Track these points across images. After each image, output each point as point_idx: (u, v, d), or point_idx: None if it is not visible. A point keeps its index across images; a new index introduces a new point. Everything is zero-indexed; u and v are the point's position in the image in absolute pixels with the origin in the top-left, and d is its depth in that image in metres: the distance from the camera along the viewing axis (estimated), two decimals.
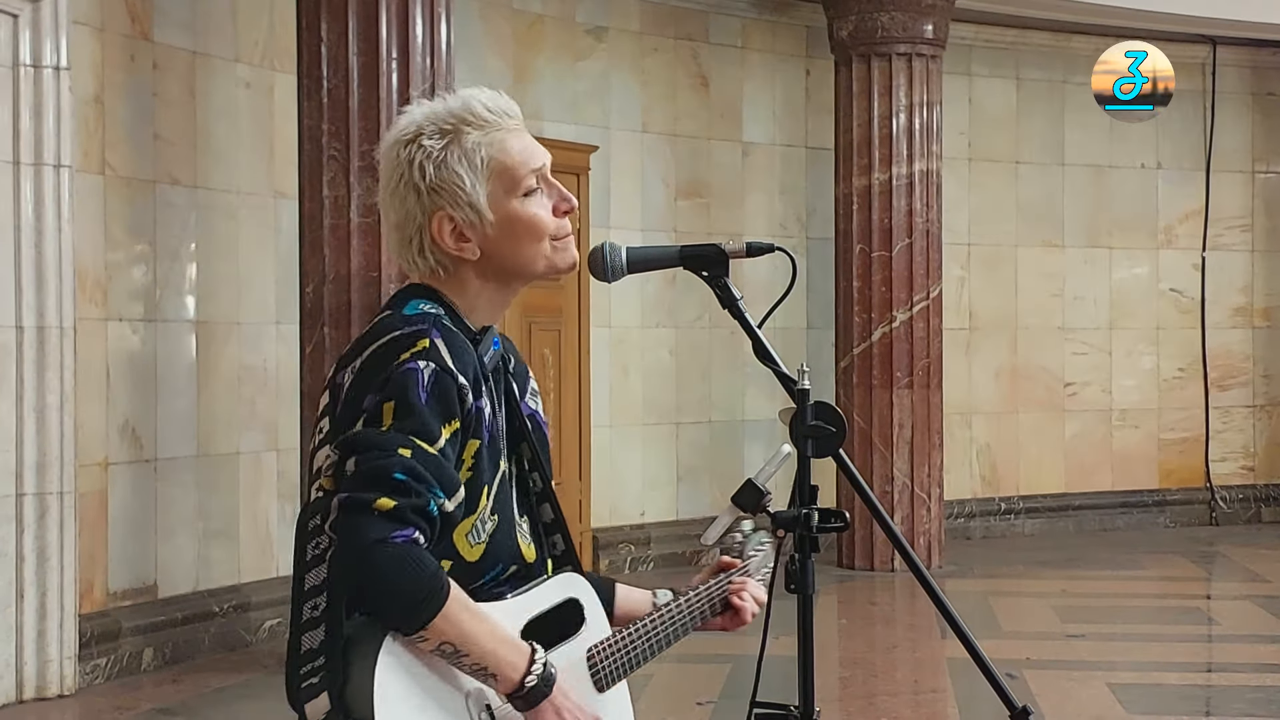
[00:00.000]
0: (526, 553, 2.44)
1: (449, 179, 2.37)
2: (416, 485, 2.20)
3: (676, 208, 10.64)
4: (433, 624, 2.19)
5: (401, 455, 2.21)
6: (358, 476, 2.22)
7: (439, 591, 2.19)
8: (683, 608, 2.60)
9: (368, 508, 2.18)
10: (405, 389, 2.25)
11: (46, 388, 6.64)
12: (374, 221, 6.89)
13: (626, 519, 10.29)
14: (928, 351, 10.20)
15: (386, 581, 2.17)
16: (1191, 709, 6.77)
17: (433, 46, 7.03)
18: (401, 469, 2.20)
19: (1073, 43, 12.18)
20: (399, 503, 2.18)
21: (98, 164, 7.20)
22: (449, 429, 2.27)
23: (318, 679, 2.23)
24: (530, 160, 2.41)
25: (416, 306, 2.38)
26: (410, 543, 2.18)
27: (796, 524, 2.45)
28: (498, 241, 2.39)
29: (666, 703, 6.73)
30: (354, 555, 2.18)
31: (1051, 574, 10.30)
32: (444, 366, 2.28)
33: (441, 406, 2.27)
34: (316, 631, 2.27)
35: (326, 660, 2.23)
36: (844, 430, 2.42)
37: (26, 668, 6.60)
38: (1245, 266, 12.88)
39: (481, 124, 2.39)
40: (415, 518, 2.20)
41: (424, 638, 2.20)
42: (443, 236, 2.38)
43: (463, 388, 2.29)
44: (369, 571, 2.17)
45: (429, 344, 2.29)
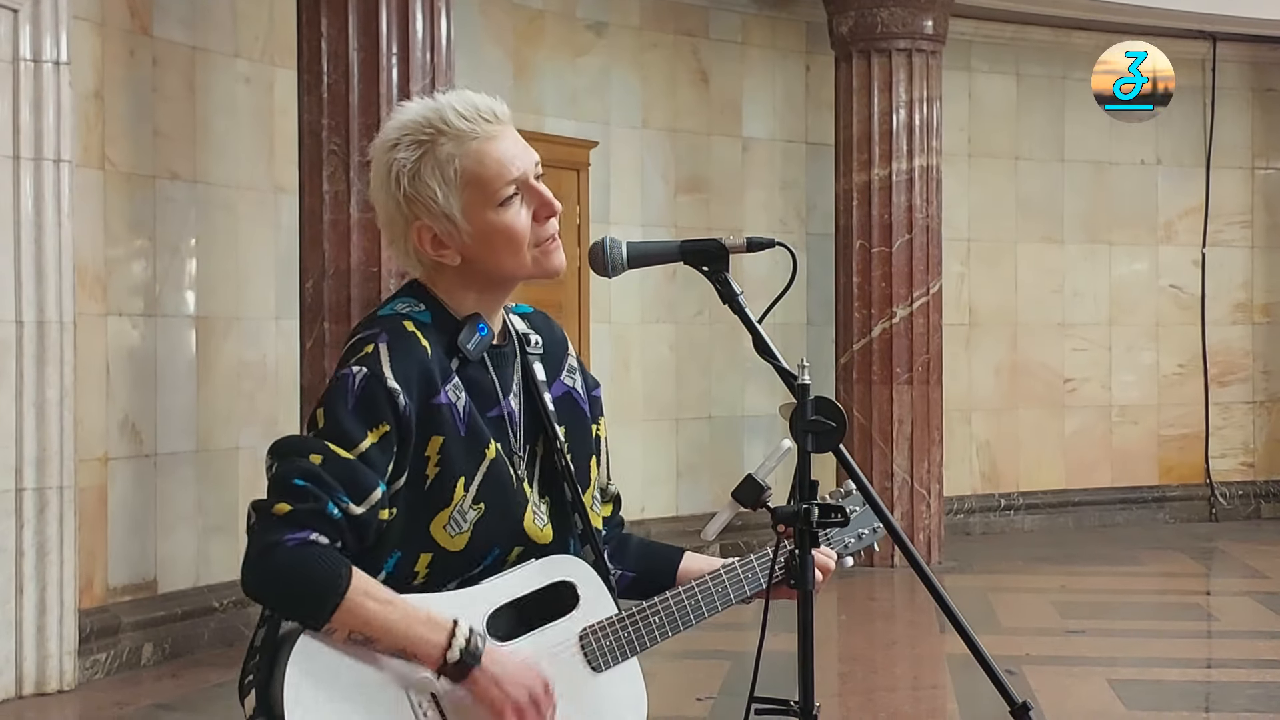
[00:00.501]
0: (538, 535, 2.46)
1: (423, 191, 2.39)
2: (315, 489, 2.27)
3: (676, 203, 10.64)
4: (335, 616, 2.25)
5: (308, 461, 2.29)
6: (270, 482, 2.32)
7: (333, 585, 2.25)
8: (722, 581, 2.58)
9: (268, 512, 2.28)
10: (334, 396, 2.34)
11: (46, 383, 6.63)
12: (374, 217, 6.77)
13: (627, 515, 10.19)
14: (927, 347, 10.20)
15: (279, 581, 2.26)
16: (1191, 705, 6.77)
17: (433, 42, 7.02)
18: (302, 474, 2.28)
19: (1073, 38, 12.18)
20: (295, 507, 2.26)
21: (97, 159, 7.20)
22: (376, 433, 2.32)
23: (252, 675, 2.33)
24: (506, 169, 2.40)
25: (392, 307, 2.45)
26: (304, 544, 2.25)
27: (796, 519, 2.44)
28: (476, 250, 2.42)
29: (666, 699, 6.72)
30: (251, 558, 2.28)
31: (1051, 570, 10.31)
32: (376, 372, 2.33)
33: (366, 412, 2.32)
34: (261, 630, 2.37)
35: (260, 657, 2.33)
36: (844, 425, 2.41)
37: (26, 663, 6.60)
38: (1245, 263, 12.88)
39: (456, 134, 2.39)
40: (312, 520, 2.26)
41: (331, 629, 2.27)
42: (423, 245, 2.43)
43: (392, 392, 2.33)
44: (263, 573, 2.27)
45: (371, 349, 2.35)
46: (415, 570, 2.37)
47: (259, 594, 2.30)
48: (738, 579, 2.59)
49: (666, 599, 2.53)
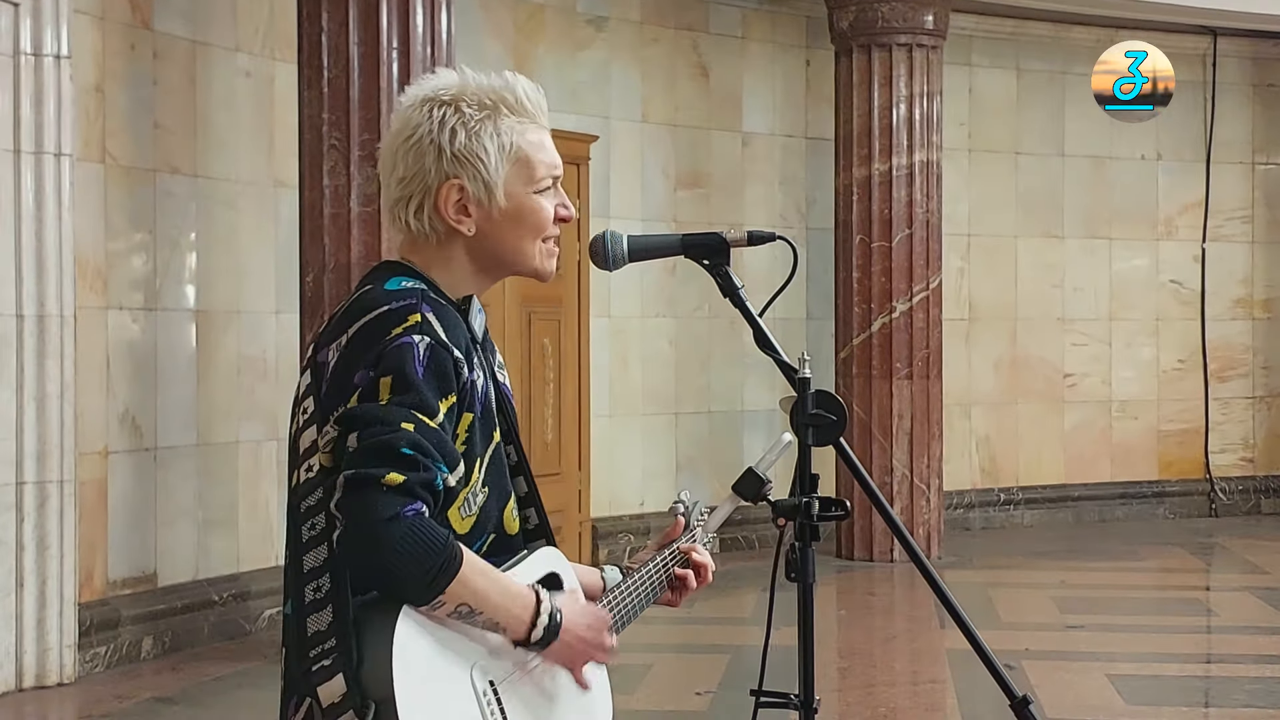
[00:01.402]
0: (510, 525, 2.45)
1: (476, 151, 2.36)
2: (423, 459, 2.20)
3: (676, 198, 10.64)
4: (449, 589, 2.20)
5: (405, 429, 2.20)
6: (362, 452, 2.19)
7: (454, 558, 2.20)
8: (639, 584, 2.59)
9: (376, 483, 2.17)
10: (402, 363, 2.24)
11: (47, 376, 6.64)
12: (374, 211, 6.89)
13: (626, 509, 10.30)
14: (927, 342, 10.20)
15: (403, 556, 2.16)
16: (1190, 700, 6.78)
17: (433, 36, 7.02)
18: (408, 443, 2.19)
19: (1073, 33, 12.17)
20: (407, 477, 2.17)
21: (98, 153, 7.20)
22: (446, 403, 2.26)
23: (330, 661, 2.21)
24: (552, 160, 2.43)
25: (399, 283, 2.37)
26: (419, 516, 2.18)
27: (797, 512, 2.45)
28: (499, 225, 2.39)
29: (666, 693, 6.73)
30: (365, 532, 2.16)
31: (1050, 565, 10.31)
32: (439, 340, 2.28)
33: (438, 381, 2.26)
34: (322, 613, 2.25)
35: (338, 641, 2.21)
36: (844, 419, 2.42)
37: (26, 656, 6.61)
38: (1245, 258, 12.88)
39: (521, 111, 2.40)
40: (423, 492, 2.19)
41: (442, 602, 2.21)
42: (447, 205, 2.38)
43: (458, 361, 2.29)
44: (384, 548, 2.16)
45: (420, 318, 2.28)
46: None
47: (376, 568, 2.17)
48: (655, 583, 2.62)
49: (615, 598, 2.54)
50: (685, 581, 2.65)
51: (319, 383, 2.33)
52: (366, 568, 2.19)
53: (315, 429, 2.30)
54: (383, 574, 2.18)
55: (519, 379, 8.91)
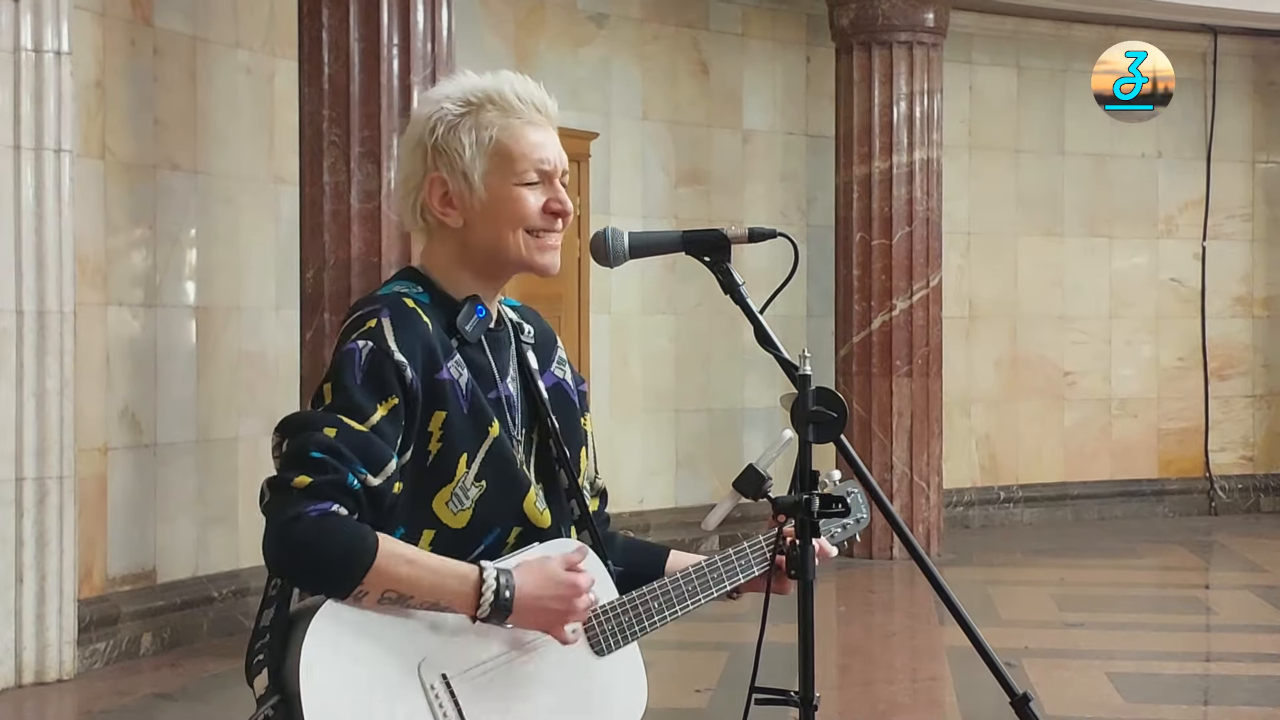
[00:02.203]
0: (539, 518, 2.48)
1: (452, 145, 2.44)
2: (333, 461, 2.28)
3: (677, 195, 10.64)
4: (367, 578, 2.27)
5: (324, 434, 2.30)
6: (285, 457, 2.32)
7: (361, 548, 2.27)
8: (716, 566, 2.58)
9: (287, 486, 2.28)
10: (341, 370, 2.35)
11: (46, 372, 6.63)
12: (374, 207, 6.89)
13: (626, 506, 10.29)
14: (927, 340, 10.20)
15: (305, 551, 2.26)
16: (1189, 698, 6.77)
17: (434, 32, 7.02)
18: (319, 447, 2.28)
19: (1074, 31, 12.17)
20: (314, 479, 2.27)
21: (98, 149, 7.20)
22: (385, 406, 2.34)
23: (263, 655, 2.32)
24: (537, 154, 2.47)
25: (390, 287, 2.48)
26: (326, 514, 2.26)
27: (797, 509, 2.45)
28: (480, 216, 2.46)
29: (665, 690, 6.73)
30: (273, 533, 2.27)
31: (1050, 563, 10.31)
32: (382, 346, 2.35)
33: (375, 384, 2.34)
34: (270, 609, 2.35)
35: (270, 637, 2.31)
36: (845, 416, 2.42)
37: (25, 652, 6.60)
38: (1245, 256, 12.88)
39: (505, 108, 2.46)
40: (333, 492, 2.27)
41: (363, 591, 2.28)
42: (431, 199, 2.47)
43: (399, 364, 2.35)
44: (287, 546, 2.26)
45: (374, 324, 2.38)
46: (419, 547, 2.37)
47: (285, 567, 2.29)
48: (731, 565, 2.60)
49: (665, 584, 2.54)
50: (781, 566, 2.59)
51: None
52: (279, 566, 2.29)
53: None
54: (290, 571, 2.29)
55: None
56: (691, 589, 2.56)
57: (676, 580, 2.55)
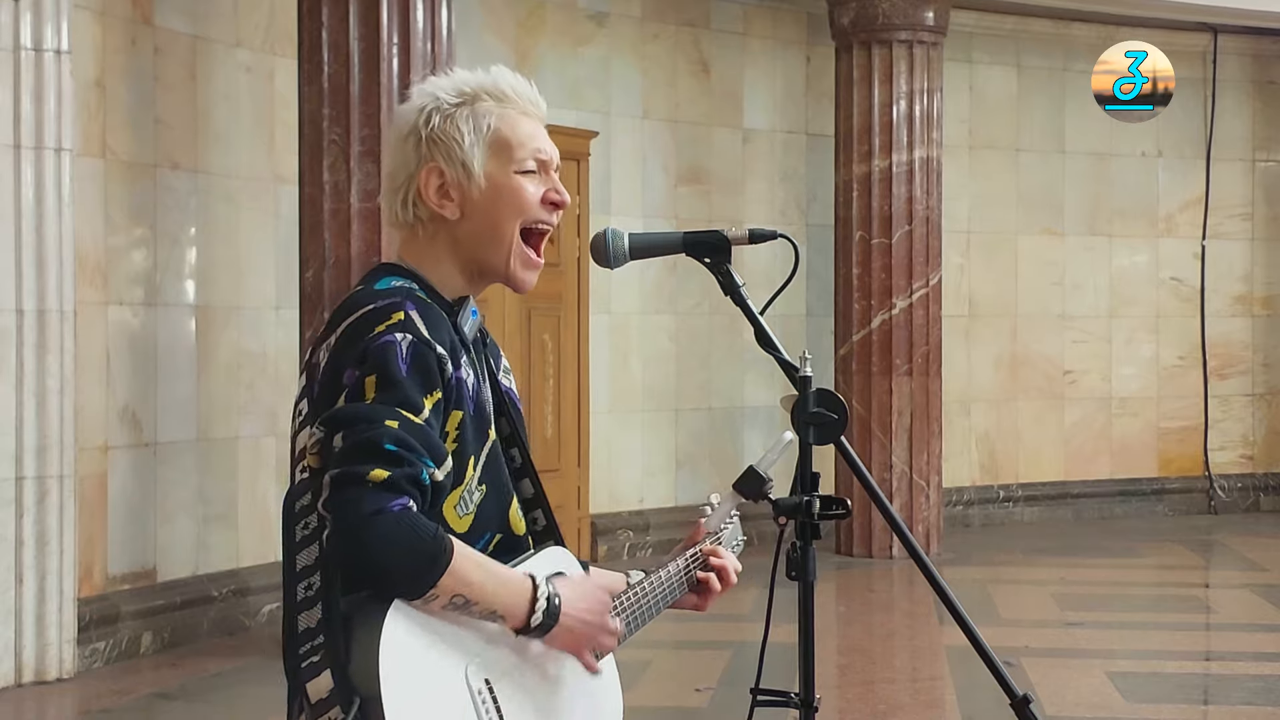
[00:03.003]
0: (516, 525, 2.45)
1: (450, 132, 2.41)
2: (408, 455, 2.20)
3: (677, 194, 10.64)
4: (441, 582, 2.20)
5: (389, 426, 2.20)
6: (347, 451, 2.20)
7: (443, 550, 2.19)
8: (657, 584, 2.59)
9: (362, 480, 2.17)
10: (385, 361, 2.25)
11: (46, 371, 6.63)
12: (374, 207, 6.88)
13: (625, 505, 10.30)
14: (927, 339, 10.20)
15: (391, 550, 2.16)
16: (1189, 697, 6.77)
17: (434, 31, 7.02)
18: (391, 439, 2.20)
19: (1073, 30, 12.17)
20: (393, 473, 2.18)
21: (98, 148, 7.20)
22: (431, 400, 2.27)
23: (318, 657, 2.23)
24: (533, 143, 2.44)
25: (388, 282, 2.41)
26: (406, 510, 2.18)
27: (798, 511, 2.45)
28: (479, 206, 2.41)
29: (666, 689, 6.73)
30: (352, 529, 2.16)
31: (1050, 562, 10.31)
32: (420, 338, 2.28)
33: (422, 377, 2.27)
34: (313, 611, 2.26)
35: (326, 638, 2.23)
36: (845, 417, 2.41)
37: (26, 651, 6.61)
38: (1245, 255, 12.88)
39: (500, 98, 2.44)
40: (409, 487, 2.19)
41: (435, 595, 2.20)
42: (428, 189, 2.41)
43: (441, 358, 2.29)
44: (371, 544, 2.16)
45: (404, 316, 2.30)
46: None
47: (364, 565, 2.17)
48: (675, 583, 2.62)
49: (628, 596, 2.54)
50: (708, 584, 2.65)
51: (311, 384, 2.35)
52: (356, 564, 2.18)
53: (309, 430, 2.31)
54: (372, 569, 2.18)
55: (519, 375, 8.89)
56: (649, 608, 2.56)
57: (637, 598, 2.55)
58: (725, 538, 2.73)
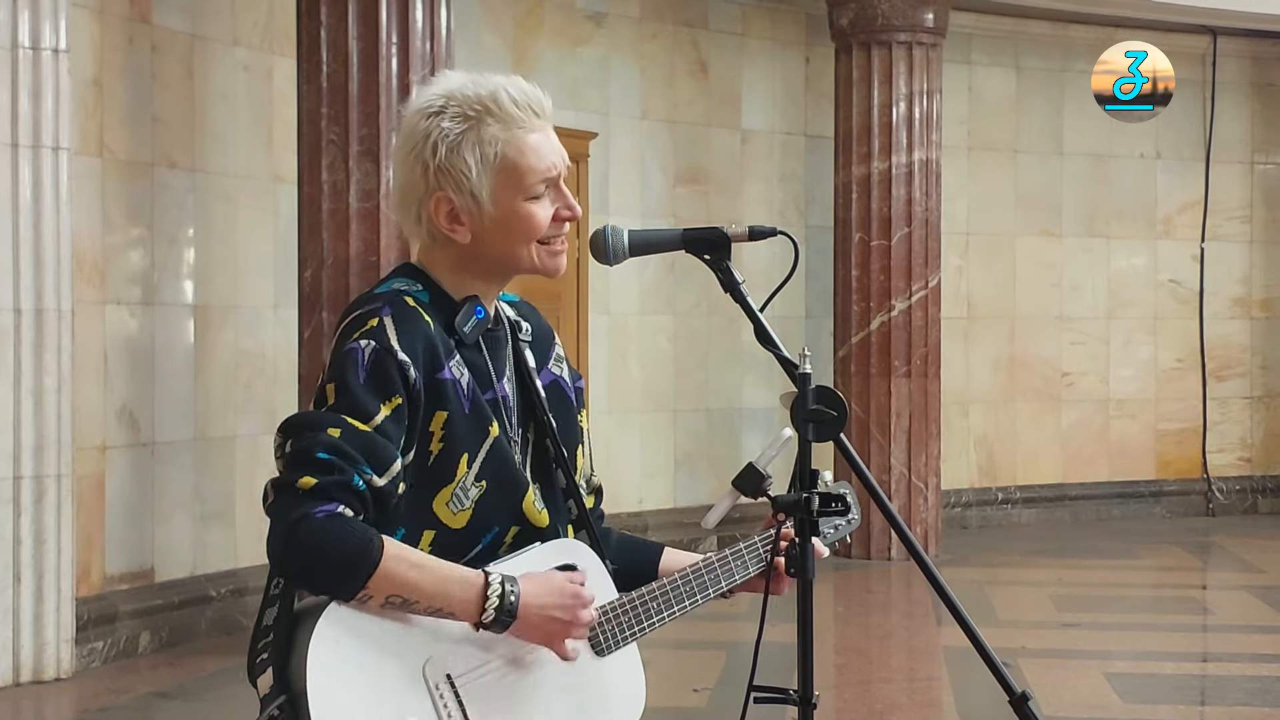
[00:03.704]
0: (537, 517, 2.46)
1: (457, 165, 2.39)
2: (340, 462, 2.27)
3: (675, 195, 10.63)
4: (371, 582, 2.25)
5: (329, 435, 2.28)
6: (288, 458, 2.31)
7: (366, 552, 2.25)
8: (714, 566, 2.58)
9: (291, 487, 2.27)
10: (344, 369, 2.33)
11: (44, 370, 6.63)
12: (373, 206, 6.88)
13: (624, 506, 10.29)
14: (926, 340, 10.20)
15: (311, 554, 2.24)
16: (1187, 699, 6.77)
17: (432, 30, 7.02)
18: (325, 448, 2.27)
19: (1072, 32, 12.17)
20: (320, 480, 2.26)
21: (96, 146, 7.19)
22: (389, 405, 2.32)
23: (268, 654, 2.30)
24: (543, 165, 2.43)
25: (389, 285, 2.45)
26: (331, 516, 2.24)
27: (797, 508, 2.44)
28: (490, 232, 2.42)
29: (663, 689, 6.72)
30: (279, 534, 2.26)
31: (1048, 563, 10.31)
32: (385, 345, 2.33)
33: (379, 384, 2.32)
34: (273, 609, 2.33)
35: (274, 636, 2.30)
36: (845, 414, 2.41)
37: (23, 651, 6.60)
38: (1244, 257, 12.88)
39: (505, 118, 2.40)
40: (339, 493, 2.26)
41: (368, 595, 2.26)
42: (438, 216, 2.42)
43: (403, 364, 2.33)
44: (293, 547, 2.24)
45: (376, 323, 2.35)
46: (419, 548, 2.36)
47: (289, 568, 2.27)
48: (728, 565, 2.60)
49: (664, 584, 2.54)
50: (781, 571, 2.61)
51: None
52: (282, 566, 2.28)
53: None
54: (296, 571, 2.27)
55: None
56: (690, 590, 2.55)
57: (675, 580, 2.55)
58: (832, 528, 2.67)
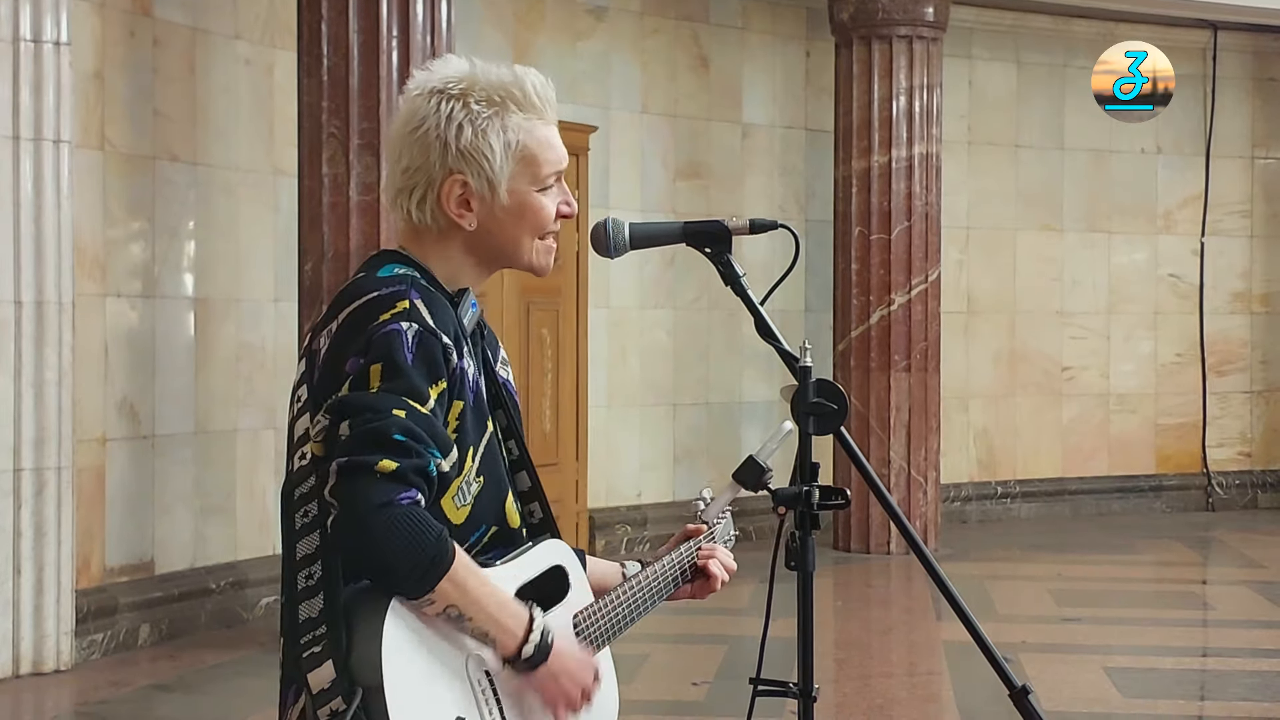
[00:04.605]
0: (512, 518, 2.44)
1: (482, 149, 2.35)
2: (416, 445, 2.18)
3: (675, 189, 10.63)
4: (439, 587, 2.18)
5: (397, 416, 2.18)
6: (354, 439, 2.18)
7: (446, 554, 2.17)
8: (655, 576, 2.59)
9: (370, 470, 2.15)
10: (390, 350, 2.23)
11: (45, 363, 6.63)
12: (373, 200, 6.88)
13: (623, 500, 10.29)
14: (925, 335, 10.20)
15: (395, 545, 2.14)
16: (1186, 693, 6.78)
17: (433, 24, 7.02)
18: (399, 429, 2.17)
19: (1073, 26, 12.16)
20: (401, 464, 2.16)
21: (97, 140, 7.19)
22: (436, 389, 2.25)
23: (319, 648, 2.20)
24: (555, 157, 2.41)
25: (391, 269, 2.38)
26: (414, 504, 2.16)
27: (797, 501, 2.45)
28: (500, 221, 2.39)
29: (663, 683, 6.73)
30: (358, 520, 2.14)
31: (1047, 558, 10.31)
32: (426, 327, 2.26)
33: (427, 367, 2.25)
34: (314, 600, 2.24)
35: (328, 628, 2.20)
36: (845, 408, 2.41)
37: (23, 643, 6.61)
38: (1244, 252, 12.88)
39: (529, 108, 2.38)
40: (417, 479, 2.17)
41: (430, 601, 2.19)
42: (449, 200, 2.37)
43: (447, 347, 2.27)
44: (376, 536, 2.14)
45: (409, 304, 2.27)
46: None
47: (368, 556, 2.15)
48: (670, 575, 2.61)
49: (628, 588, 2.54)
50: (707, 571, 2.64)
51: (311, 370, 2.32)
52: (360, 555, 2.16)
53: (309, 416, 2.29)
54: (375, 561, 2.16)
55: (518, 369, 8.88)
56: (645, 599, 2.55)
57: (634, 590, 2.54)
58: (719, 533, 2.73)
